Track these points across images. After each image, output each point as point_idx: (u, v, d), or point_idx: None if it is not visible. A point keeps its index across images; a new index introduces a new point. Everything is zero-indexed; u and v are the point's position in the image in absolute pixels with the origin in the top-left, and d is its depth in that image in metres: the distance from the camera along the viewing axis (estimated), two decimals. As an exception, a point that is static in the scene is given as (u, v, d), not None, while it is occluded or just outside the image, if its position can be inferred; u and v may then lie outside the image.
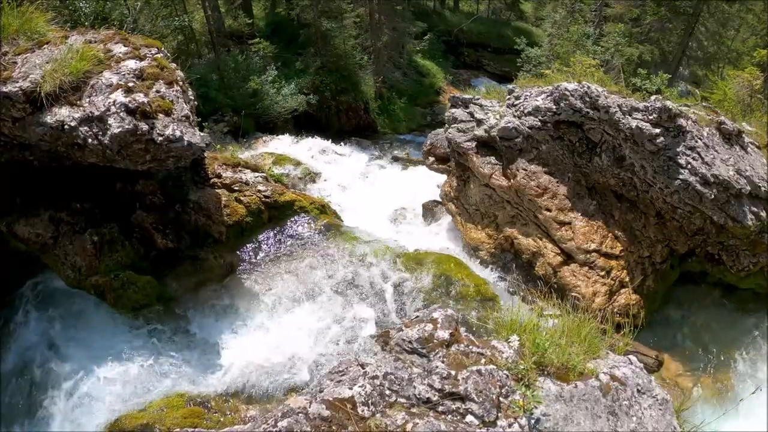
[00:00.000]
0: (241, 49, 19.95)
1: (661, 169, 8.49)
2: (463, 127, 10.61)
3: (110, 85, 7.17)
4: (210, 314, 8.73)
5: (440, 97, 25.92)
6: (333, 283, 9.26)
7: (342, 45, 21.39)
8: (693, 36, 20.74)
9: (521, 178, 9.73)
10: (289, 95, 18.84)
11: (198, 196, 9.33)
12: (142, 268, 8.58)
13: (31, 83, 6.98)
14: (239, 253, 9.68)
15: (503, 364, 3.70)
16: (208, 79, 17.73)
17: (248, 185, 10.14)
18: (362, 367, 3.63)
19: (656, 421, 3.83)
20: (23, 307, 8.61)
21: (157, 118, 7.17)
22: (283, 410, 3.27)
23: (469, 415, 3.35)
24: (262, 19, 25.70)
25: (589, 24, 20.89)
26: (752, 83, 10.97)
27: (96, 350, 7.95)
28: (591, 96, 8.85)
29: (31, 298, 8.76)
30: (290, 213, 10.49)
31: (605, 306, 9.03)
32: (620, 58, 16.58)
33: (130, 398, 7.34)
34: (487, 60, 32.33)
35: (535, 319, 4.23)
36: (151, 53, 7.93)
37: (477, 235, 10.87)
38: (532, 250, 9.93)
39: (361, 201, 13.74)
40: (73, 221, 8.43)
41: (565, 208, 9.57)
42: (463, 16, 34.82)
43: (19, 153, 7.86)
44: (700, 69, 22.70)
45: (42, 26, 8.09)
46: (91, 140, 6.97)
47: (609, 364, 4.08)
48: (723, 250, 9.42)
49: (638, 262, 9.51)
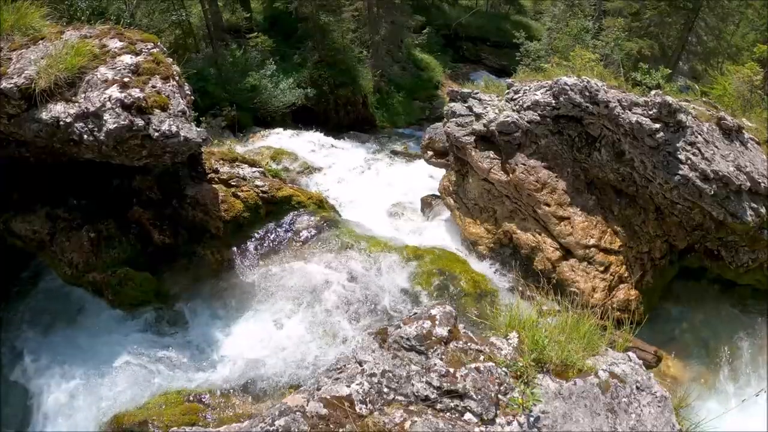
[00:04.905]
0: (239, 43, 19.89)
1: (661, 165, 8.46)
2: (461, 122, 10.56)
3: (105, 81, 7.12)
4: (207, 310, 8.71)
5: (439, 91, 25.86)
6: (330, 278, 9.22)
7: (340, 39, 21.34)
8: (693, 31, 20.67)
9: (520, 173, 9.69)
10: (287, 89, 18.79)
11: (195, 191, 9.28)
12: (140, 264, 8.56)
13: (26, 79, 6.93)
14: (237, 249, 9.63)
15: (502, 361, 3.67)
16: (205, 74, 17.68)
17: (245, 180, 10.08)
18: (360, 364, 3.59)
19: (655, 419, 3.81)
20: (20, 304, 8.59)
21: (153, 113, 7.12)
22: (281, 408, 3.24)
23: (468, 412, 3.32)
24: (260, 12, 25.61)
25: (589, 18, 20.84)
26: (752, 79, 10.91)
27: (93, 346, 7.93)
28: (591, 90, 8.80)
29: (28, 295, 8.74)
30: (288, 208, 10.42)
31: (604, 301, 9.02)
32: (620, 53, 16.51)
33: (128, 395, 7.31)
34: (486, 54, 32.29)
35: (534, 315, 4.20)
36: (147, 48, 7.87)
37: (476, 230, 10.85)
38: (531, 245, 9.91)
39: (359, 195, 13.71)
40: (70, 217, 8.41)
41: (564, 203, 9.54)
42: (462, 10, 34.72)
43: (15, 150, 7.83)
44: (699, 64, 22.64)
45: (37, 22, 8.06)
46: (86, 136, 6.92)
47: (608, 361, 4.05)
48: (722, 246, 9.40)
49: (637, 257, 9.49)
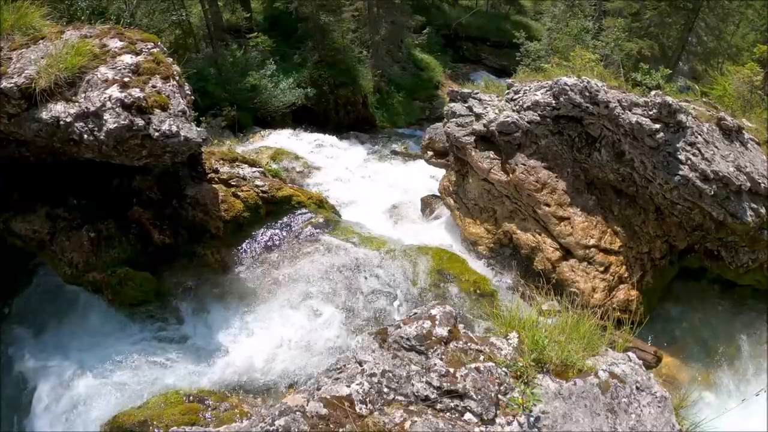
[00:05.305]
0: (239, 43, 19.89)
1: (661, 165, 8.46)
2: (461, 122, 10.55)
3: (106, 81, 7.11)
4: (207, 310, 8.70)
5: (439, 91, 25.86)
6: (330, 278, 9.22)
7: (340, 39, 21.34)
8: (693, 31, 20.68)
9: (520, 173, 9.69)
10: (287, 89, 18.79)
11: (195, 191, 9.27)
12: (139, 264, 8.55)
13: (27, 79, 6.93)
14: (237, 249, 9.62)
15: (502, 361, 3.67)
16: (205, 74, 17.67)
17: (246, 180, 10.07)
18: (360, 364, 3.59)
19: (655, 419, 3.81)
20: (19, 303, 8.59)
21: (153, 113, 7.11)
22: (281, 408, 3.24)
23: (468, 412, 3.32)
24: (260, 12, 25.62)
25: (589, 18, 20.84)
26: (752, 79, 10.91)
27: (93, 346, 7.93)
28: (591, 91, 8.80)
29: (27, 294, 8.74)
30: (288, 208, 10.42)
31: (604, 302, 9.02)
32: (620, 53, 16.51)
33: (128, 395, 7.31)
34: (486, 54, 32.29)
35: (534, 315, 4.20)
36: (148, 48, 7.86)
37: (476, 230, 10.84)
38: (530, 245, 9.91)
39: (359, 195, 13.72)
40: (70, 217, 8.40)
41: (564, 203, 9.54)
42: (462, 10, 34.72)
43: (15, 149, 7.83)
44: (699, 64, 22.63)
45: (37, 21, 8.07)
46: (86, 136, 6.92)
47: (608, 361, 4.05)
48: (722, 247, 9.40)
49: (637, 257, 9.49)
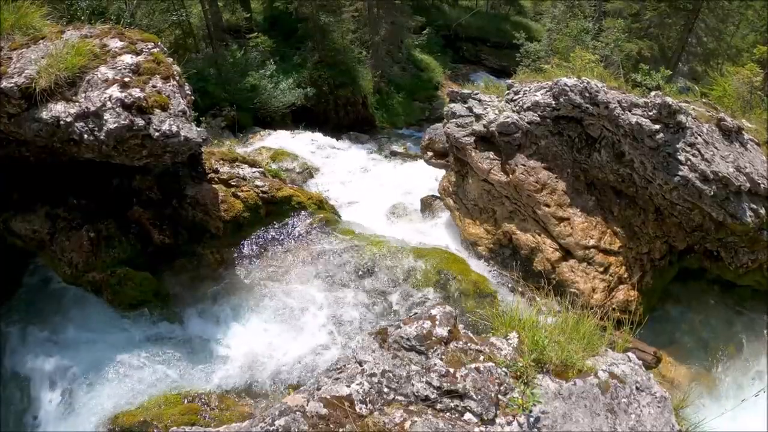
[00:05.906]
0: (239, 43, 19.91)
1: (661, 166, 8.46)
2: (461, 122, 10.56)
3: (106, 80, 7.11)
4: (207, 310, 8.70)
5: (439, 92, 25.87)
6: (330, 279, 9.23)
7: (340, 39, 21.34)
8: (692, 32, 20.67)
9: (520, 174, 9.70)
10: (287, 89, 18.81)
11: (195, 191, 9.28)
12: (139, 264, 8.55)
13: (27, 79, 6.93)
14: (237, 249, 9.62)
15: (502, 361, 3.67)
16: (205, 74, 17.69)
17: (245, 180, 10.07)
18: (360, 364, 3.59)
19: (655, 419, 3.81)
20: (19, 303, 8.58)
21: (154, 113, 7.11)
22: (281, 408, 3.25)
23: (468, 413, 3.32)
24: (259, 13, 25.64)
25: (589, 19, 20.81)
26: (752, 80, 10.90)
27: (92, 346, 7.92)
28: (590, 91, 8.81)
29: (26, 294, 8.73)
30: (288, 208, 10.42)
31: (604, 302, 9.02)
32: (620, 54, 16.51)
33: (127, 395, 7.29)
34: (486, 54, 32.31)
35: (534, 315, 4.21)
36: (148, 48, 7.86)
37: (475, 231, 10.85)
38: (530, 246, 9.91)
39: (359, 196, 13.72)
40: (70, 217, 8.40)
41: (564, 204, 9.54)
42: (462, 11, 34.75)
43: (16, 149, 7.83)
44: (699, 65, 22.62)
45: (38, 21, 8.07)
46: (86, 136, 6.92)
47: (608, 361, 4.06)
48: (722, 247, 9.39)
49: (637, 258, 9.49)
